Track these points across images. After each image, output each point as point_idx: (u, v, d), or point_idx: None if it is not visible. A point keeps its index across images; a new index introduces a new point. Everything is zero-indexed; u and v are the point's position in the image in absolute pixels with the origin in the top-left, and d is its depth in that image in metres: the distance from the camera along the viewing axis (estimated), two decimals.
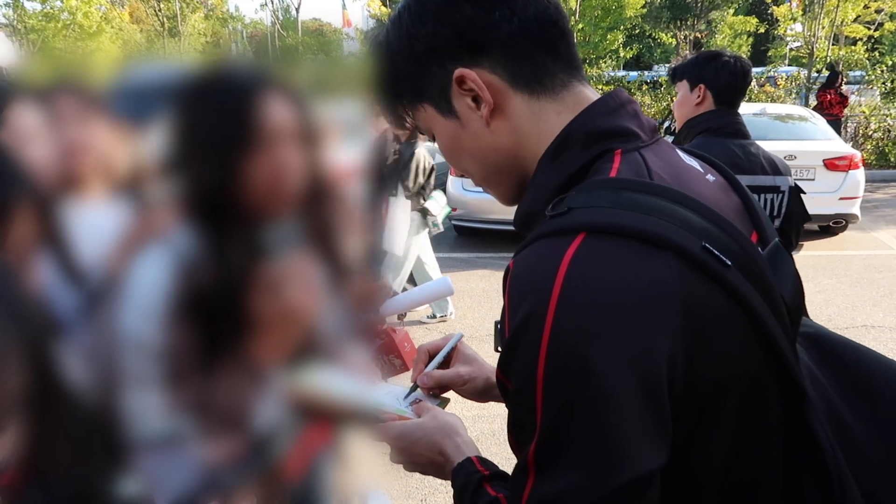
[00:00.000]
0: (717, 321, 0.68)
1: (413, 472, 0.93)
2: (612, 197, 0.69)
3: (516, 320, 0.68)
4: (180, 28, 19.94)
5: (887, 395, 0.80)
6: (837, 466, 0.74)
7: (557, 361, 0.65)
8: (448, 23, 0.77)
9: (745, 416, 0.72)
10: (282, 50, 16.88)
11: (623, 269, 0.66)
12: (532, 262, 0.70)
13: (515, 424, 0.72)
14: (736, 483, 0.73)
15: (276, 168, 0.94)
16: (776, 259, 0.79)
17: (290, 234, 0.98)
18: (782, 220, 2.32)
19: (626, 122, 0.78)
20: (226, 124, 0.93)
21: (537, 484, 0.67)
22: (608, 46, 15.00)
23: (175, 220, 0.93)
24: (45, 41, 15.66)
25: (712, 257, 0.68)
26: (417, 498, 2.99)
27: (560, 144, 0.77)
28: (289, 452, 0.95)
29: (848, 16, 15.08)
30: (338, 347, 1.03)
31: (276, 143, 0.94)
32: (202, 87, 0.97)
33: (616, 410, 0.64)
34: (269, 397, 0.93)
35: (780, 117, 8.21)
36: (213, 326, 0.89)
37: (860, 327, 4.89)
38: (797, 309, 0.79)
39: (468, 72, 0.77)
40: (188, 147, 0.95)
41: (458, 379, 1.04)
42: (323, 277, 1.02)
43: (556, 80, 0.79)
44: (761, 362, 0.72)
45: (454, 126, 0.82)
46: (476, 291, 5.83)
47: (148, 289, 0.89)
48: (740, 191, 0.88)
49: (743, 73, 2.35)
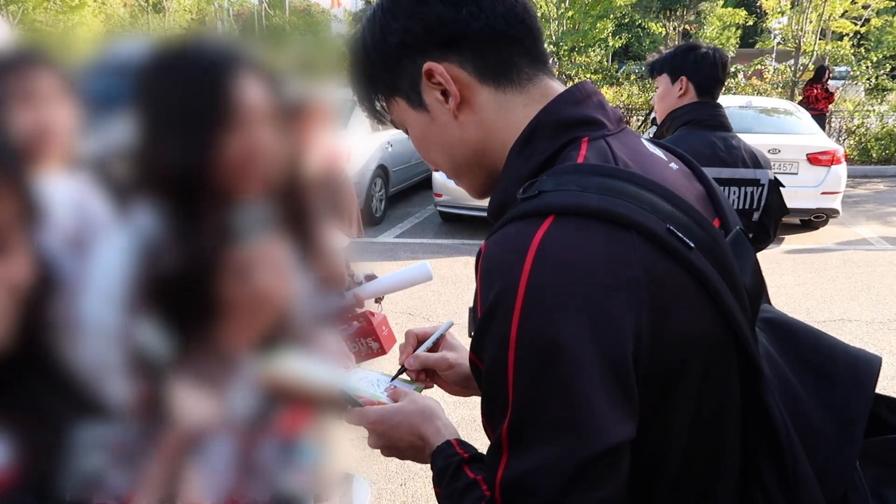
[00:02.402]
0: (679, 298, 0.70)
1: (391, 456, 0.93)
2: (581, 181, 0.72)
3: (488, 301, 0.70)
4: (165, 4, 19.61)
5: (841, 376, 0.84)
6: (790, 443, 0.77)
7: (528, 339, 0.67)
8: (419, 19, 0.80)
9: (705, 392, 0.74)
10: (268, 29, 16.68)
11: (589, 248, 0.68)
12: (502, 245, 0.72)
13: (488, 403, 0.73)
14: (698, 459, 0.76)
15: (246, 148, 0.92)
16: (738, 246, 0.82)
17: (261, 216, 0.96)
18: (761, 213, 2.34)
19: (593, 112, 0.81)
20: (193, 100, 0.90)
21: (511, 461, 0.69)
22: (597, 35, 14.95)
23: (140, 200, 0.90)
24: (26, 13, 15.31)
25: (676, 239, 0.70)
26: (397, 482, 3.00)
27: (529, 135, 0.80)
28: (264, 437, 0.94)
29: (835, 10, 15.15)
30: (311, 332, 1.02)
31: (247, 121, 0.92)
32: (170, 62, 0.94)
33: (586, 384, 0.65)
34: (239, 383, 0.91)
35: (766, 111, 8.27)
36: (178, 311, 0.87)
37: (837, 321, 4.97)
38: (757, 294, 0.82)
39: (436, 65, 0.80)
40: (154, 123, 0.92)
41: (443, 363, 1.05)
42: (295, 261, 1.00)
43: (523, 73, 0.82)
44: (721, 340, 0.75)
45: (424, 119, 0.84)
46: (460, 278, 5.84)
47: (109, 271, 0.87)
48: (703, 179, 0.91)
49: (722, 64, 2.38)
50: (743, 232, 0.86)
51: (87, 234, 0.89)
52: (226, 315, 0.91)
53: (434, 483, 0.85)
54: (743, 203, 2.31)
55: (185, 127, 0.90)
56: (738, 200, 2.30)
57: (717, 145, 2.27)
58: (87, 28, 15.38)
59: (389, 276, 1.30)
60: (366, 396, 0.96)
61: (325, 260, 1.06)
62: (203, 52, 0.96)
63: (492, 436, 0.73)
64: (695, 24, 24.81)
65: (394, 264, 6.26)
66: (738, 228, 0.86)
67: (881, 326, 4.85)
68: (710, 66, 2.34)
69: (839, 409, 0.81)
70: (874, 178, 11.28)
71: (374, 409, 0.93)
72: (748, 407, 0.79)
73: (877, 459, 0.83)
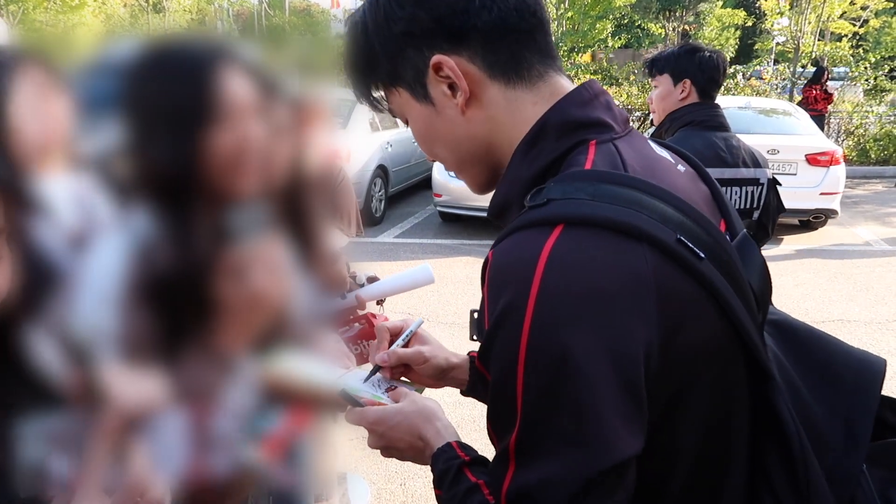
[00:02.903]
0: (689, 310, 0.69)
1: (391, 457, 0.93)
2: (590, 189, 0.70)
3: (496, 312, 0.68)
4: (165, 4, 19.60)
5: (847, 379, 0.83)
6: (802, 448, 0.76)
7: (537, 352, 0.66)
8: (427, 7, 0.76)
9: (713, 401, 0.74)
10: (268, 29, 16.66)
11: (600, 260, 0.67)
12: (511, 254, 0.70)
13: (495, 415, 0.73)
14: (706, 464, 0.75)
15: (235, 142, 0.91)
16: (745, 249, 0.81)
17: (257, 216, 0.95)
18: (760, 212, 2.35)
19: (600, 114, 0.79)
20: (178, 96, 0.89)
21: (518, 472, 0.68)
22: (597, 35, 14.96)
23: (134, 200, 0.90)
24: (26, 13, 15.30)
25: (686, 249, 0.69)
26: (396, 482, 3.00)
27: (535, 135, 0.78)
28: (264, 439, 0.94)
29: (834, 11, 15.16)
30: (310, 332, 1.02)
31: (234, 116, 0.90)
32: (154, 60, 0.94)
33: (595, 398, 0.65)
34: (235, 384, 0.91)
35: (765, 111, 8.27)
36: (173, 312, 0.86)
37: (836, 321, 4.97)
38: (764, 297, 0.82)
39: (446, 59, 0.76)
40: (141, 122, 0.91)
41: (419, 357, 1.05)
42: (293, 262, 0.99)
43: (533, 70, 0.79)
44: (730, 348, 0.74)
45: (429, 112, 0.81)
46: (459, 278, 5.84)
47: (104, 272, 0.86)
48: (708, 181, 0.90)
49: (724, 69, 2.39)
50: (749, 234, 0.85)
51: (89, 232, 0.88)
52: (221, 315, 0.90)
53: (435, 486, 0.84)
54: (744, 202, 2.32)
55: (171, 124, 0.90)
56: (740, 200, 2.31)
57: (718, 146, 2.28)
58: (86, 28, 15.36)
59: (391, 279, 1.30)
60: (366, 397, 0.96)
61: (324, 261, 1.05)
62: (187, 50, 0.95)
63: (497, 443, 0.72)
64: (694, 25, 24.81)
65: (394, 264, 6.26)
66: (745, 231, 0.85)
67: (880, 327, 4.85)
68: (713, 70, 2.35)
69: (845, 413, 0.81)
70: (873, 178, 11.28)
71: (374, 410, 0.93)
72: (757, 411, 0.78)
73: (883, 462, 0.82)
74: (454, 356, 1.09)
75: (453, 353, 1.10)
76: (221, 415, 0.89)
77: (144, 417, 0.80)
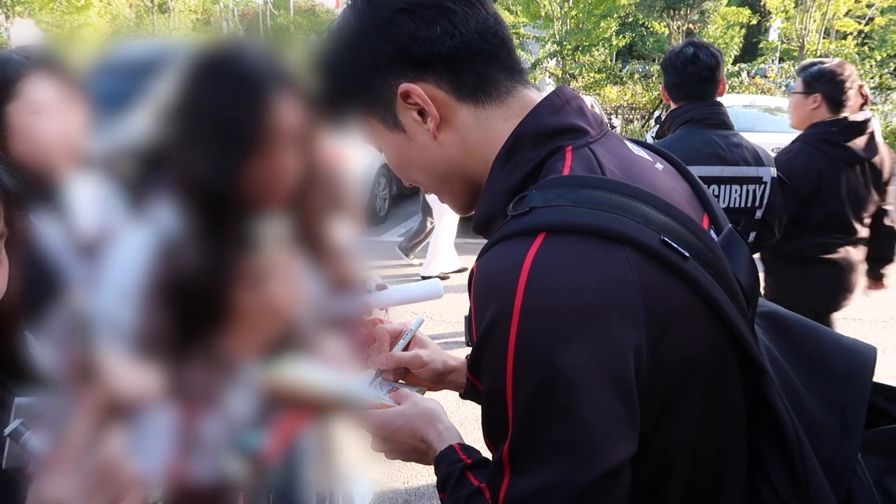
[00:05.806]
0: (677, 311, 0.69)
1: (395, 459, 0.94)
2: (571, 195, 0.70)
3: (483, 324, 0.69)
4: (170, 4, 19.65)
5: (839, 369, 0.84)
6: (798, 439, 0.76)
7: (525, 362, 0.66)
8: (389, 39, 0.77)
9: (708, 399, 0.74)
10: (273, 29, 16.68)
11: (583, 267, 0.67)
12: (495, 265, 0.71)
13: (489, 424, 0.74)
14: (705, 461, 0.76)
15: (276, 168, 0.91)
16: (731, 244, 0.81)
17: (278, 228, 0.96)
18: (765, 210, 2.33)
19: (573, 119, 0.79)
20: (237, 113, 0.88)
21: (514, 481, 0.69)
22: (601, 34, 14.91)
23: (162, 200, 0.91)
24: (32, 14, 15.36)
25: (671, 250, 0.69)
26: (398, 481, 3.01)
27: (511, 148, 0.78)
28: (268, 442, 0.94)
29: (839, 9, 15.11)
30: (317, 338, 1.02)
31: (280, 144, 0.90)
32: (217, 68, 0.91)
33: (586, 405, 0.65)
34: (234, 391, 0.92)
35: (769, 109, 8.25)
36: (187, 313, 0.86)
37: (841, 320, 4.93)
38: (753, 291, 0.82)
39: (413, 87, 0.77)
40: (193, 128, 0.90)
41: (417, 361, 1.06)
42: (308, 269, 0.99)
43: (501, 87, 0.80)
44: (721, 346, 0.74)
45: (401, 140, 0.82)
46: (462, 277, 5.84)
47: (126, 266, 0.87)
48: (688, 177, 0.90)
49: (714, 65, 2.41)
50: (735, 229, 0.85)
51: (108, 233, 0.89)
52: (234, 322, 0.91)
53: (438, 489, 0.85)
54: (745, 201, 2.30)
55: (220, 137, 0.89)
56: (741, 198, 2.30)
57: (717, 144, 2.27)
58: (92, 28, 15.42)
59: (400, 289, 1.31)
60: (369, 399, 0.97)
61: (337, 263, 1.06)
62: (247, 63, 0.93)
63: (494, 452, 0.73)
64: (698, 24, 24.75)
65: (397, 263, 6.27)
66: (730, 226, 0.85)
67: (884, 325, 4.84)
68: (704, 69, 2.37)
69: (839, 402, 0.82)
70: None
71: (377, 413, 0.93)
72: (752, 405, 0.79)
73: (878, 450, 0.83)
74: (452, 359, 1.10)
75: (451, 356, 1.10)
76: (213, 421, 0.89)
77: (133, 406, 0.81)
